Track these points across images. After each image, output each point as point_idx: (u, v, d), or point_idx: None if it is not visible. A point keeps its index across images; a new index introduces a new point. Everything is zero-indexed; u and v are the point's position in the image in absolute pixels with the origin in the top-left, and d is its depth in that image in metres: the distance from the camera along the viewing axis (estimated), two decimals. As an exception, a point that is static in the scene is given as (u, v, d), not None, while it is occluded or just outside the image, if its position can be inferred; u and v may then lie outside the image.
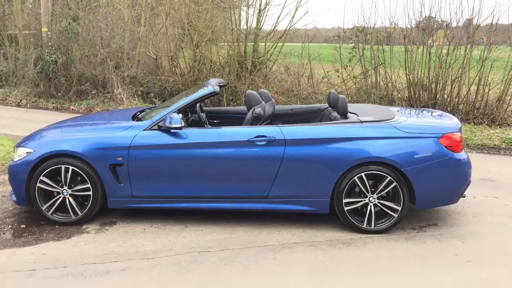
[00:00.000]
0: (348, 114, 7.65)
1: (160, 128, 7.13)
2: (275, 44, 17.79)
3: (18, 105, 18.81)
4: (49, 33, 19.17)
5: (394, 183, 6.87)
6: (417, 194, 6.95)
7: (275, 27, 17.97)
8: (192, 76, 18.00)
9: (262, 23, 17.90)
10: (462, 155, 7.11)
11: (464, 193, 7.37)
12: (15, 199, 7.37)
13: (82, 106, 17.94)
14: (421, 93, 15.91)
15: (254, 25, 17.99)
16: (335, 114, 8.00)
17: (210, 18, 18.24)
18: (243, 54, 17.84)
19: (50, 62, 18.53)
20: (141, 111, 8.40)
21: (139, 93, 18.19)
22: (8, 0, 23.32)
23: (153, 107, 9.05)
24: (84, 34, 19.02)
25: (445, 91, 15.67)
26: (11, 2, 22.57)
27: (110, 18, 19.73)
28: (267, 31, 18.43)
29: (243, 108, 8.57)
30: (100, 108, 17.50)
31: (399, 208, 6.94)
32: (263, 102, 8.04)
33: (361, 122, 7.18)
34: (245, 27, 18.51)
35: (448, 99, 15.62)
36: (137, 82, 18.37)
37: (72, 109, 17.86)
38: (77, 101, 18.44)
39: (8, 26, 22.46)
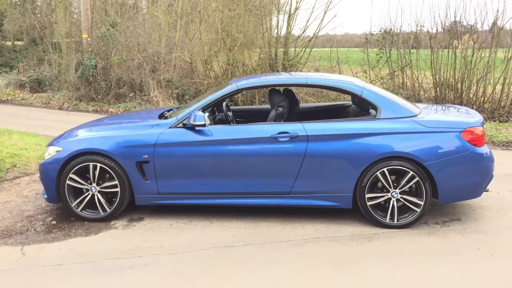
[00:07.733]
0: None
1: (185, 126, 6.95)
2: (304, 48, 17.63)
3: (60, 108, 18.94)
4: (89, 39, 19.27)
5: (417, 178, 6.59)
6: (439, 188, 6.65)
7: (304, 30, 17.99)
8: (226, 79, 17.86)
9: (292, 27, 17.94)
10: (484, 149, 6.79)
11: (488, 188, 7.05)
12: (46, 196, 7.23)
13: (120, 108, 17.90)
14: (447, 92, 15.62)
15: (284, 29, 17.94)
16: (358, 111, 7.75)
17: (242, 23, 18.18)
18: (273, 57, 17.71)
19: (90, 66, 18.62)
20: (169, 110, 8.23)
21: (175, 95, 18.12)
22: (52, 11, 23.79)
23: (180, 106, 8.88)
24: (122, 39, 19.05)
25: (471, 90, 15.39)
26: (55, 12, 22.89)
27: (147, 25, 19.75)
28: (297, 36, 18.35)
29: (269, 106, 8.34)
30: (137, 110, 17.37)
31: (422, 203, 6.66)
32: (287, 100, 7.81)
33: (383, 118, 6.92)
34: (275, 31, 18.43)
35: (474, 98, 15.32)
36: (173, 85, 18.28)
37: (111, 111, 17.83)
38: (115, 103, 18.47)
39: (53, 35, 22.86)
